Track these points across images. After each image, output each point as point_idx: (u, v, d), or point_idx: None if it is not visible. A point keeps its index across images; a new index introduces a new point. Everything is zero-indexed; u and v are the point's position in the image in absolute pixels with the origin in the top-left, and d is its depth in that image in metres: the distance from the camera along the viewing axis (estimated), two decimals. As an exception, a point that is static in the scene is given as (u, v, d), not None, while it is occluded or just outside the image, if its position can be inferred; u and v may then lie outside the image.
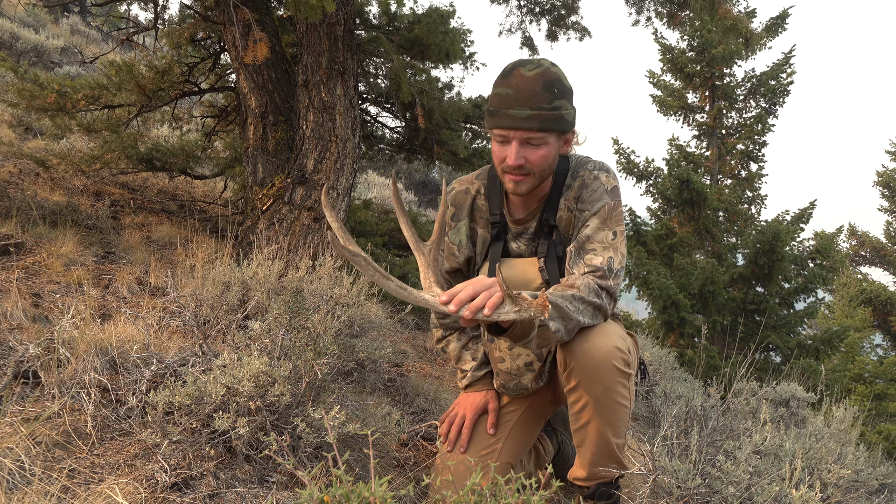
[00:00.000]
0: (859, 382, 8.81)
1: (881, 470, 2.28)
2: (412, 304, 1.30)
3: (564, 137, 1.62)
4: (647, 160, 9.38)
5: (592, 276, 1.56)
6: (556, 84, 1.53)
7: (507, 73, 1.57)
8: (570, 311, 1.42)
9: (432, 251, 1.38)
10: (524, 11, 4.85)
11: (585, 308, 1.49)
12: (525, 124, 1.51)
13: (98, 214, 3.66)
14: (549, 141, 1.55)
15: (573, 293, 1.47)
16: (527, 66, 1.55)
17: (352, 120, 3.53)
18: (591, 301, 1.50)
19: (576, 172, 1.70)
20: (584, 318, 1.48)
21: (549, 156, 1.58)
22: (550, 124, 1.52)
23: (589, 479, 1.66)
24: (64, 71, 8.63)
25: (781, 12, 9.13)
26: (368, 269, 1.20)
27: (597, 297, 1.52)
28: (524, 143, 1.54)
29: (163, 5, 4.37)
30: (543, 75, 1.53)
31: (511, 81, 1.54)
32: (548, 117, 1.52)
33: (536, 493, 1.03)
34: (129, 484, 1.40)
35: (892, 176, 12.56)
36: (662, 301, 7.25)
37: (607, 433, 1.56)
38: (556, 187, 1.71)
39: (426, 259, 1.36)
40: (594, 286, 1.53)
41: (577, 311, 1.46)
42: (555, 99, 1.52)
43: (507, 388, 1.81)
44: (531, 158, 1.54)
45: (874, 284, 11.70)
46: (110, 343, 1.82)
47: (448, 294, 1.25)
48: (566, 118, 1.56)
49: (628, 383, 1.55)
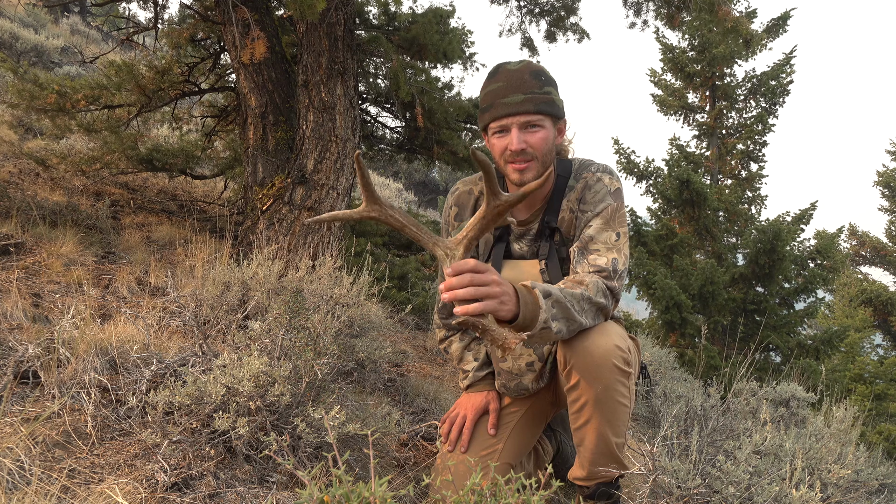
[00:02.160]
0: (859, 382, 8.81)
1: (881, 470, 2.27)
2: (423, 246, 1.27)
3: (558, 126, 1.67)
4: (648, 160, 9.37)
5: (599, 276, 1.56)
6: (541, 73, 1.62)
7: (493, 72, 1.65)
8: (574, 313, 1.42)
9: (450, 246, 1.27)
10: (524, 12, 4.85)
11: (590, 308, 1.49)
12: (521, 108, 1.56)
13: (98, 214, 3.66)
14: (546, 125, 1.60)
15: (581, 292, 1.47)
16: (510, 63, 1.64)
17: (352, 120, 3.53)
18: (597, 302, 1.50)
19: (579, 174, 1.72)
20: (587, 319, 1.48)
21: (547, 139, 1.61)
22: (545, 107, 1.59)
23: (589, 479, 1.66)
24: (64, 71, 8.63)
25: (783, 13, 9.12)
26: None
27: (603, 298, 1.52)
28: (523, 128, 1.58)
29: (162, 5, 4.36)
30: (528, 66, 1.62)
31: (499, 76, 1.62)
32: (541, 100, 1.58)
33: (536, 492, 1.03)
34: (129, 484, 1.40)
35: (893, 176, 12.55)
36: (665, 301, 7.25)
37: (607, 432, 1.56)
38: (559, 188, 1.72)
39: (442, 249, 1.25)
40: (602, 286, 1.53)
41: (582, 311, 1.46)
42: (544, 85, 1.60)
43: (509, 388, 1.81)
44: (532, 142, 1.58)
45: (874, 284, 11.70)
46: (110, 343, 1.82)
47: (447, 285, 1.20)
48: (557, 103, 1.63)
49: (628, 382, 1.55)
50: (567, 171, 1.74)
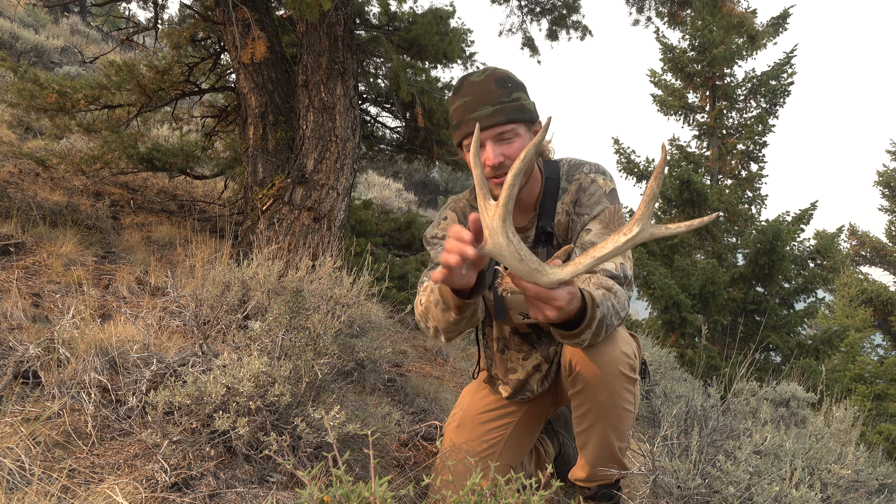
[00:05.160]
0: (859, 382, 8.80)
1: (881, 470, 2.27)
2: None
3: (533, 129, 1.60)
4: (648, 160, 9.38)
5: (614, 283, 1.51)
6: (507, 80, 1.55)
7: (457, 87, 1.59)
8: (603, 331, 1.38)
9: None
10: (525, 11, 4.85)
11: (617, 322, 1.45)
12: (492, 120, 1.50)
13: (98, 214, 3.66)
14: (520, 132, 1.54)
15: (614, 304, 1.41)
16: (473, 74, 1.57)
17: (352, 120, 3.53)
18: (623, 318, 1.47)
19: (570, 176, 1.68)
20: (609, 332, 1.44)
21: (524, 147, 1.57)
22: (516, 114, 1.52)
23: (589, 480, 1.66)
24: (64, 71, 8.63)
25: (782, 12, 9.12)
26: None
27: (628, 307, 1.50)
28: (497, 140, 1.52)
29: (162, 5, 4.37)
30: (493, 75, 1.55)
31: (464, 91, 1.55)
32: (511, 108, 1.51)
33: (536, 493, 1.03)
34: (129, 484, 1.40)
35: (893, 175, 12.55)
36: (664, 301, 7.25)
37: (611, 436, 1.56)
38: (550, 192, 1.67)
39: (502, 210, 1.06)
40: (624, 294, 1.49)
41: (611, 326, 1.42)
42: (511, 92, 1.54)
43: (515, 394, 1.82)
44: (508, 153, 1.52)
45: (875, 284, 11.70)
46: (110, 343, 1.81)
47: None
48: (528, 108, 1.56)
49: (634, 388, 1.54)
50: (555, 173, 1.68)
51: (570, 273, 1.09)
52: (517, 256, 1.07)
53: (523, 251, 1.08)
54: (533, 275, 1.09)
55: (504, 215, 1.04)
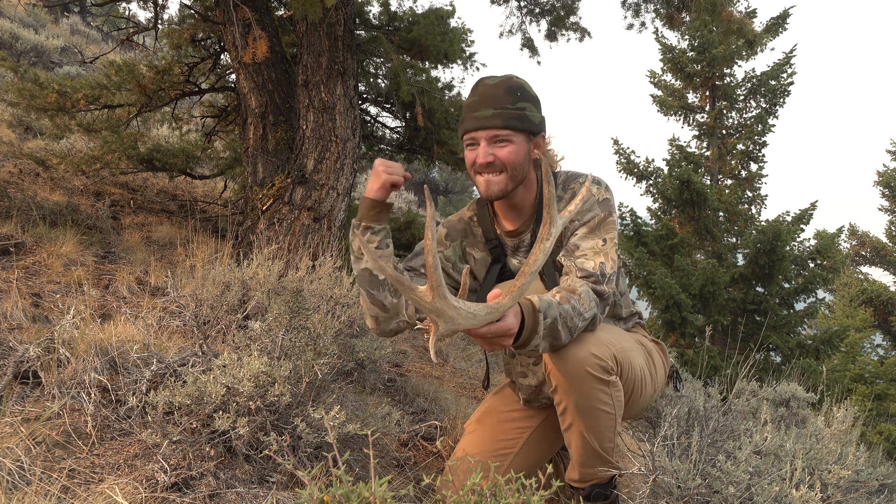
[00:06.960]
0: (860, 382, 8.81)
1: (881, 470, 2.27)
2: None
3: (534, 141, 1.66)
4: (647, 160, 9.37)
5: (588, 282, 1.55)
6: (518, 89, 1.62)
7: (474, 86, 1.67)
8: (561, 335, 1.41)
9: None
10: (524, 12, 4.85)
11: (581, 325, 1.47)
12: (489, 122, 1.58)
13: (98, 214, 3.66)
14: (515, 139, 1.61)
15: (575, 305, 1.44)
16: (491, 77, 1.65)
17: (352, 120, 3.53)
18: (588, 318, 1.48)
19: (567, 185, 1.73)
20: (573, 335, 1.47)
21: (517, 153, 1.62)
22: (513, 122, 1.59)
23: (582, 481, 1.67)
24: (64, 71, 8.63)
25: (782, 12, 9.12)
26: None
27: (596, 307, 1.51)
28: (491, 141, 1.60)
29: (162, 5, 4.37)
30: (506, 82, 1.63)
31: (477, 91, 1.64)
32: (510, 115, 1.59)
33: (536, 493, 1.03)
34: (129, 484, 1.40)
35: (893, 176, 12.54)
36: (664, 301, 7.25)
37: (590, 437, 1.57)
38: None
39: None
40: (592, 294, 1.52)
41: (574, 329, 1.44)
42: (518, 101, 1.61)
43: (530, 400, 1.82)
44: (499, 155, 1.60)
45: (875, 284, 11.69)
46: (110, 343, 1.82)
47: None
48: (531, 119, 1.62)
49: (609, 389, 1.53)
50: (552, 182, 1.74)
51: (513, 299, 1.20)
52: (470, 315, 1.15)
53: (471, 308, 1.16)
54: (487, 318, 1.18)
55: (441, 292, 1.10)
